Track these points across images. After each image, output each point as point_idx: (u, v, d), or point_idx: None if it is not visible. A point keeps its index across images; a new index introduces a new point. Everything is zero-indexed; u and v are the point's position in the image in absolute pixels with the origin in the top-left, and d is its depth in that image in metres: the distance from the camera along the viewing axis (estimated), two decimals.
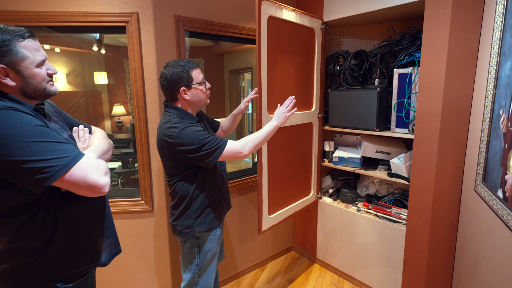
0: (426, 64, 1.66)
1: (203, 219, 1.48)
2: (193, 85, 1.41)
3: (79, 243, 0.98)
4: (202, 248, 1.51)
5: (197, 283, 1.54)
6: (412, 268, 1.87)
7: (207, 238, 1.52)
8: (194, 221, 1.47)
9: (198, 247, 1.51)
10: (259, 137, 1.48)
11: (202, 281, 1.54)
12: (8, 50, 0.83)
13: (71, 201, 0.94)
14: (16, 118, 0.80)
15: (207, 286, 1.56)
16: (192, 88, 1.41)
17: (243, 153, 1.42)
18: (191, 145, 1.32)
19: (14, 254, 0.89)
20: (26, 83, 0.88)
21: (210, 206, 1.50)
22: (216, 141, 1.36)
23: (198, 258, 1.52)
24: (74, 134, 1.09)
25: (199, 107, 1.49)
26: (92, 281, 1.09)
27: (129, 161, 2.83)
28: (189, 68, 1.40)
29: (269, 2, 1.70)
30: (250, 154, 1.45)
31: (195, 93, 1.43)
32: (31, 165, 0.79)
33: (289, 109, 1.59)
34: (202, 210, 1.48)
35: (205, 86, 1.47)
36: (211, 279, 1.57)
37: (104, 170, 0.91)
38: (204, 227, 1.48)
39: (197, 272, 1.52)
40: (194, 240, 1.50)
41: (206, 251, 1.52)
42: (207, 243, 1.52)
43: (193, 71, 1.41)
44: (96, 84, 3.67)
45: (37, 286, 0.92)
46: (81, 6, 1.67)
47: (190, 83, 1.40)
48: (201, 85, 1.45)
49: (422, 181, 1.75)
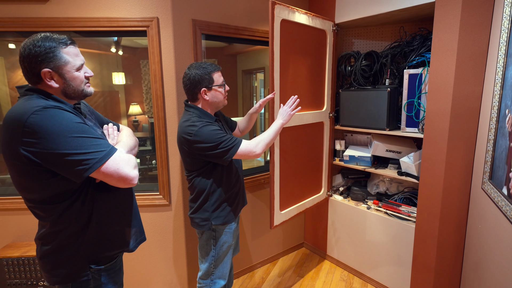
0: (436, 65, 1.69)
1: (219, 212, 1.57)
2: (214, 86, 1.51)
3: (111, 229, 1.08)
4: (218, 240, 1.60)
5: (213, 273, 1.63)
6: (421, 265, 1.91)
7: (223, 231, 1.60)
8: (211, 214, 1.56)
9: (214, 239, 1.60)
10: (268, 136, 1.57)
11: (218, 272, 1.63)
12: (53, 56, 0.94)
13: (104, 191, 1.04)
14: (61, 116, 0.91)
15: (223, 276, 1.65)
16: (212, 89, 1.51)
17: (256, 152, 1.51)
18: (208, 143, 1.41)
19: (56, 237, 1.00)
20: (68, 85, 0.99)
21: (226, 201, 1.59)
22: (232, 140, 1.46)
23: (214, 249, 1.61)
24: (104, 131, 1.19)
25: (217, 107, 1.59)
26: (120, 265, 1.20)
27: (147, 158, 2.95)
28: (211, 71, 1.50)
29: (282, 6, 1.77)
30: (262, 153, 1.54)
31: (215, 94, 1.52)
32: (73, 158, 0.89)
33: (293, 107, 1.67)
34: (218, 204, 1.57)
35: (224, 88, 1.57)
36: (226, 270, 1.65)
37: (133, 164, 1.01)
38: (220, 220, 1.57)
39: (213, 263, 1.62)
40: (210, 232, 1.60)
41: (222, 243, 1.61)
42: (223, 235, 1.61)
43: (215, 74, 1.51)
44: (113, 84, 3.82)
45: (74, 266, 1.03)
46: (106, 12, 1.79)
47: (211, 85, 1.50)
48: (220, 87, 1.54)
49: (431, 180, 1.78)
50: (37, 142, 0.87)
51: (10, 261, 1.85)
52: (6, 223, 1.97)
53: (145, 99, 3.95)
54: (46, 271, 1.03)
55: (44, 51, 0.93)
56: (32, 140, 0.87)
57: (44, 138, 0.87)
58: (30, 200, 0.98)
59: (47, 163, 0.89)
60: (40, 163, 0.89)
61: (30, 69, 0.94)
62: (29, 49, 0.93)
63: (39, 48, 0.93)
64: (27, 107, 0.89)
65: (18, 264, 1.86)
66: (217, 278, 1.64)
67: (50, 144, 0.87)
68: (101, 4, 1.77)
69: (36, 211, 1.00)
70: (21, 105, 0.90)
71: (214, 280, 1.64)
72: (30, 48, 0.93)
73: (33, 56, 0.92)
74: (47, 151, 0.87)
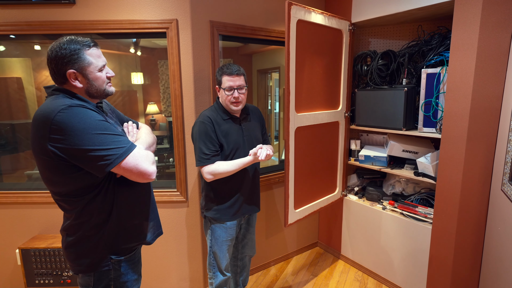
0: (455, 64, 1.67)
1: (212, 205, 1.68)
2: (221, 87, 1.64)
3: (130, 222, 1.14)
4: (213, 231, 1.72)
5: (213, 265, 1.76)
6: (437, 267, 1.88)
7: (217, 224, 1.70)
8: (206, 204, 1.70)
9: (210, 230, 1.72)
10: (233, 166, 1.60)
11: (217, 264, 1.75)
12: (78, 57, 1.01)
13: (124, 186, 1.10)
14: (85, 114, 0.97)
15: (220, 270, 1.75)
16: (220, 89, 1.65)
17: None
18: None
19: (79, 228, 1.07)
20: (91, 85, 1.06)
21: (222, 198, 1.67)
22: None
23: (210, 240, 1.73)
24: (124, 128, 1.25)
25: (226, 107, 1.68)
26: (138, 257, 1.26)
27: (164, 156, 3.03)
28: (221, 74, 1.62)
29: (298, 7, 1.79)
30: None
31: (221, 94, 1.64)
32: (95, 153, 0.95)
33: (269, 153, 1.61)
34: (215, 199, 1.67)
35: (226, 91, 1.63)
36: (222, 265, 1.74)
37: (152, 160, 1.06)
38: (212, 214, 1.68)
39: (212, 254, 1.74)
40: (207, 222, 1.73)
41: (215, 236, 1.71)
42: (216, 228, 1.70)
43: (224, 77, 1.61)
44: (132, 84, 3.93)
45: (96, 256, 1.09)
46: (128, 15, 1.86)
47: (220, 85, 1.65)
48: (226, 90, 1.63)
49: (449, 181, 1.76)
50: (63, 139, 0.93)
51: (37, 252, 1.95)
52: (33, 215, 2.08)
53: (162, 98, 4.05)
54: (71, 261, 1.10)
55: (70, 53, 0.99)
56: (58, 137, 0.93)
57: (69, 135, 0.93)
58: (56, 193, 1.04)
59: (72, 158, 0.95)
60: (66, 158, 0.95)
61: (56, 70, 1.01)
62: (55, 51, 0.99)
63: (65, 50, 0.99)
64: (54, 105, 0.95)
65: (45, 255, 1.96)
66: (217, 270, 1.75)
67: (75, 140, 0.93)
68: (123, 7, 1.85)
69: (62, 203, 1.07)
70: (48, 104, 0.97)
71: (215, 273, 1.75)
72: (57, 50, 0.99)
73: (59, 58, 0.99)
74: (72, 147, 0.93)
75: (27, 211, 2.08)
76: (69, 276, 1.99)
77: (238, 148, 1.65)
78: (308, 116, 2.00)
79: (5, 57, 2.18)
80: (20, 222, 2.09)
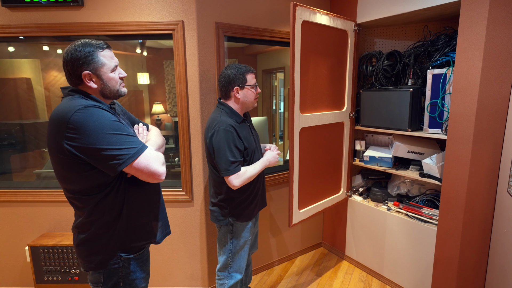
0: (461, 65, 1.66)
1: (236, 210, 1.64)
2: (246, 86, 1.61)
3: (140, 221, 1.16)
4: (235, 234, 1.68)
5: (230, 266, 1.71)
6: (442, 269, 1.87)
7: (240, 226, 1.67)
8: (229, 211, 1.64)
9: (232, 233, 1.68)
10: (253, 170, 1.62)
11: (235, 265, 1.71)
12: (92, 59, 1.04)
13: (135, 186, 1.13)
14: (100, 114, 1.00)
15: (239, 270, 1.72)
16: (244, 88, 1.60)
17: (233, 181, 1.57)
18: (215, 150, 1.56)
19: (91, 226, 1.09)
20: (105, 85, 1.09)
21: (245, 200, 1.66)
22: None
23: (231, 243, 1.69)
24: (135, 130, 1.28)
25: (247, 108, 1.67)
26: (147, 255, 1.28)
27: (170, 156, 3.05)
28: (245, 71, 1.60)
29: (303, 8, 1.79)
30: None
31: (246, 94, 1.62)
32: (109, 153, 0.98)
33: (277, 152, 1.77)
34: (237, 203, 1.64)
35: (256, 89, 1.65)
36: (243, 264, 1.72)
37: (162, 161, 1.08)
38: (237, 217, 1.65)
39: (230, 256, 1.70)
40: (228, 226, 1.67)
41: (238, 238, 1.68)
42: (240, 230, 1.68)
43: (248, 74, 1.61)
44: (138, 84, 3.97)
45: (107, 254, 1.12)
46: (135, 16, 1.88)
47: (243, 84, 1.60)
48: (252, 87, 1.64)
49: (455, 182, 1.75)
50: (79, 137, 0.96)
51: (46, 249, 2.00)
52: (42, 213, 2.12)
53: (168, 98, 4.08)
54: (82, 258, 1.13)
55: (84, 55, 1.02)
56: (74, 136, 0.96)
57: (84, 134, 0.96)
58: (69, 190, 1.07)
59: (86, 156, 0.98)
60: (81, 156, 0.98)
61: (72, 72, 1.04)
62: (71, 54, 1.02)
63: (80, 52, 1.02)
64: (71, 106, 0.98)
65: (53, 252, 2.00)
66: (234, 271, 1.72)
67: (90, 139, 0.96)
68: (130, 9, 1.87)
69: (74, 201, 1.09)
70: (65, 104, 1.00)
71: (231, 274, 1.72)
72: (72, 53, 1.02)
73: (75, 60, 1.02)
74: (86, 145, 0.96)
75: (36, 209, 2.12)
76: (77, 273, 2.03)
77: (254, 150, 1.66)
78: (313, 117, 2.00)
79: (15, 58, 2.22)
80: (29, 220, 2.13)
